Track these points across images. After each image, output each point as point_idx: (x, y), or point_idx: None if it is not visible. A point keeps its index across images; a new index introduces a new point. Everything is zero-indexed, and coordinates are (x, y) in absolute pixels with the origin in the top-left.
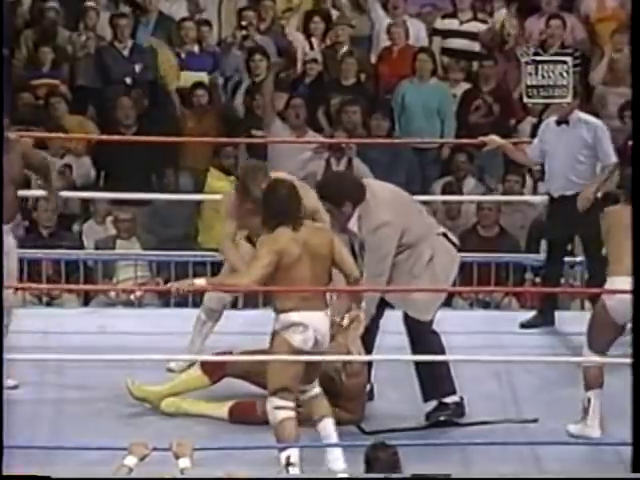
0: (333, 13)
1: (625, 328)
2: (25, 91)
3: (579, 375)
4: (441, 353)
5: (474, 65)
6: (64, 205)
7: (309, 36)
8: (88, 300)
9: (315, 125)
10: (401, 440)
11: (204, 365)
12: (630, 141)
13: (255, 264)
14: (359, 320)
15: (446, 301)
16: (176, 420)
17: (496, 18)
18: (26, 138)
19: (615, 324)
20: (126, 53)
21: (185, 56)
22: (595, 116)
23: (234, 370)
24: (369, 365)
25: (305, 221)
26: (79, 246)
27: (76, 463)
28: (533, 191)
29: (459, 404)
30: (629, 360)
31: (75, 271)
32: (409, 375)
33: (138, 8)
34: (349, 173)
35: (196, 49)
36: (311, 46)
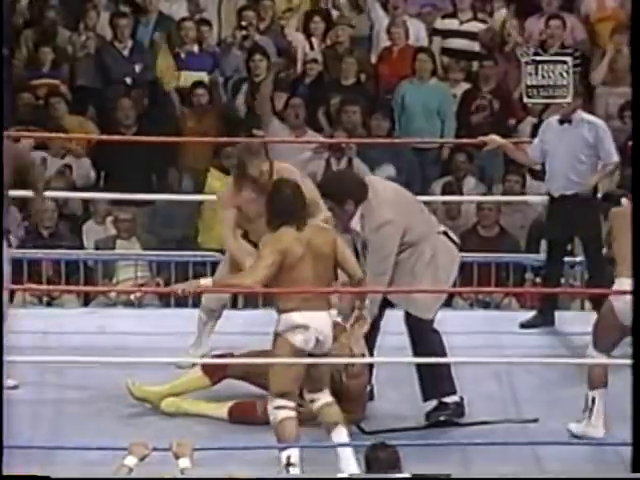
0: (333, 13)
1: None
2: (25, 91)
3: (579, 375)
4: (442, 353)
5: (474, 65)
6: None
7: (309, 36)
8: (88, 300)
9: (315, 125)
10: (401, 440)
11: (205, 366)
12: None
13: (259, 264)
14: (363, 320)
15: (446, 301)
16: (176, 420)
17: (496, 18)
18: (25, 141)
19: (622, 325)
20: (126, 53)
21: (185, 56)
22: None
23: (235, 371)
24: (370, 366)
25: (309, 221)
26: (79, 246)
27: (76, 463)
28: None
29: (459, 404)
30: (629, 360)
31: (75, 271)
32: (409, 375)
33: (138, 8)
34: (351, 171)
35: (196, 49)
36: (311, 46)
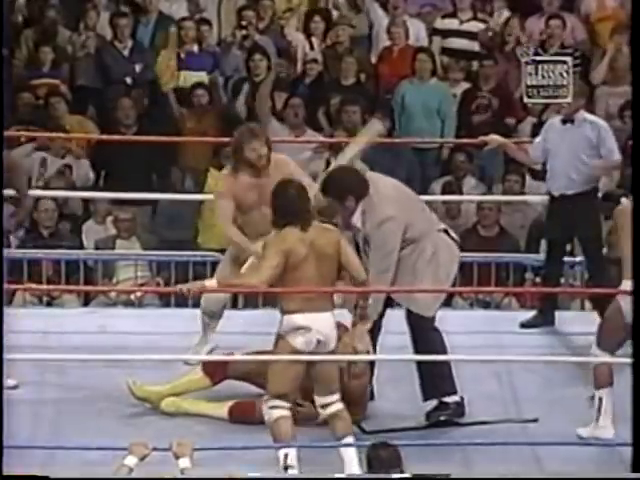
0: (333, 13)
1: None
2: (25, 91)
3: (579, 375)
4: (443, 352)
5: (474, 65)
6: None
7: (309, 36)
8: (88, 300)
9: (315, 125)
10: (401, 440)
11: (205, 367)
12: (630, 141)
13: (264, 264)
14: (366, 318)
15: (446, 301)
16: (176, 420)
17: (496, 18)
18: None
19: (628, 325)
20: (126, 53)
21: (185, 56)
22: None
23: (236, 372)
24: (372, 366)
25: (313, 221)
26: (79, 246)
27: (76, 463)
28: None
29: (459, 404)
30: (629, 360)
31: (75, 271)
32: (409, 375)
33: (138, 8)
34: (352, 168)
35: (195, 49)
36: (311, 46)
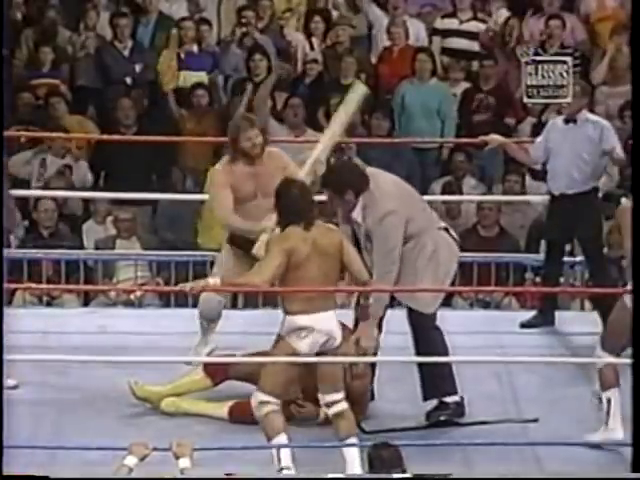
0: (333, 13)
1: None
2: (25, 91)
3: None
4: (444, 351)
5: (474, 65)
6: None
7: (309, 36)
8: (88, 300)
9: (315, 125)
10: (401, 440)
11: (206, 367)
12: (630, 140)
13: (267, 263)
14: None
15: (446, 301)
16: (176, 420)
17: (496, 18)
18: None
19: None
20: (126, 53)
21: (184, 56)
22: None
23: (237, 373)
24: (373, 366)
25: (316, 221)
26: (79, 246)
27: (76, 463)
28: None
29: (459, 404)
30: (629, 360)
31: (75, 271)
32: (409, 375)
33: (138, 8)
34: (352, 162)
35: (195, 49)
36: (311, 46)
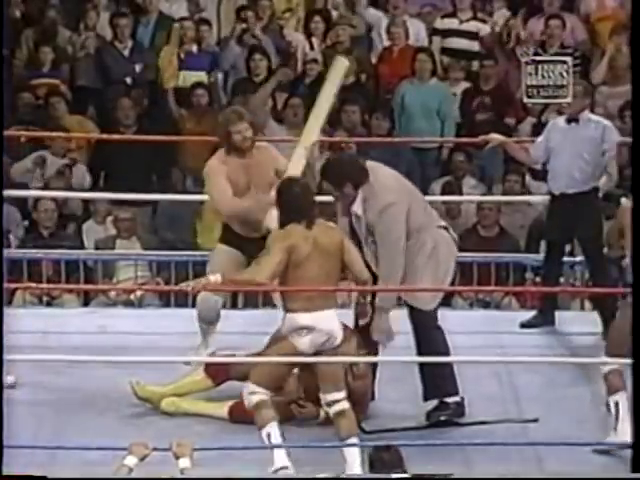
0: (333, 13)
1: None
2: (25, 91)
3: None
4: (445, 352)
5: (474, 65)
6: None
7: (309, 36)
8: (88, 300)
9: None
10: (401, 440)
11: (207, 368)
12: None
13: (268, 260)
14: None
15: (446, 301)
16: (176, 420)
17: (496, 18)
18: None
19: None
20: (126, 53)
21: (184, 56)
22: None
23: (238, 373)
24: (374, 367)
25: (317, 220)
26: (79, 246)
27: (76, 463)
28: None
29: (459, 404)
30: (629, 360)
31: (75, 271)
32: (410, 374)
33: (138, 8)
34: (351, 155)
35: (195, 49)
36: (311, 46)
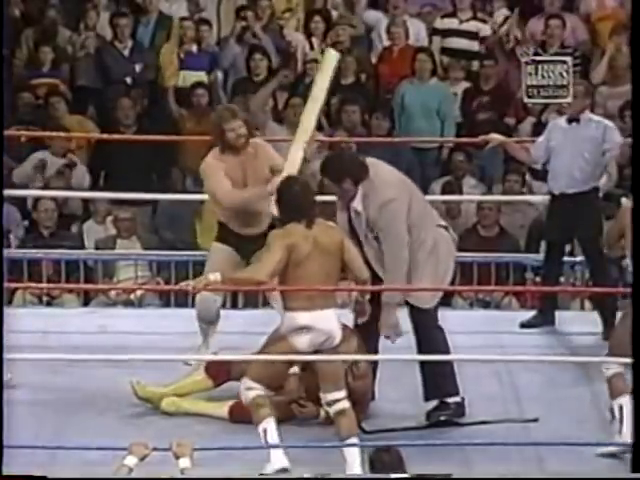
0: (333, 13)
1: None
2: (25, 91)
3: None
4: (446, 352)
5: (474, 65)
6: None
7: (309, 36)
8: (88, 300)
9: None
10: (401, 440)
11: (208, 369)
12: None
13: (268, 258)
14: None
15: (446, 301)
16: (176, 420)
17: (496, 18)
18: None
19: None
20: (126, 53)
21: (184, 56)
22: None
23: (239, 374)
24: (374, 367)
25: (317, 219)
26: (79, 246)
27: (76, 463)
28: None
29: (460, 404)
30: (629, 360)
31: (75, 271)
32: (410, 374)
33: (138, 8)
34: (351, 152)
35: (194, 49)
36: (311, 46)
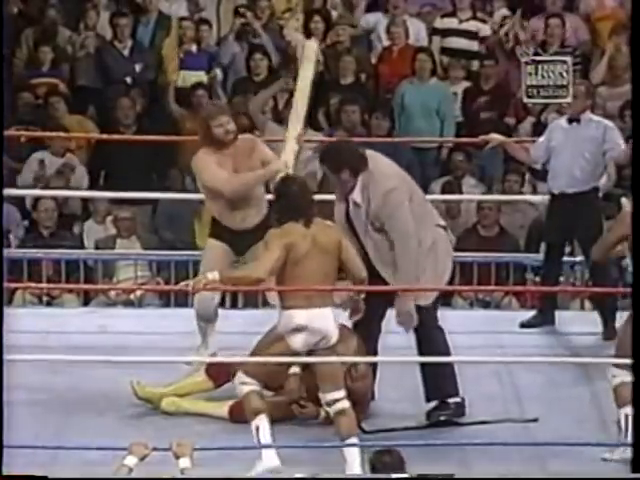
0: (333, 13)
1: None
2: (25, 90)
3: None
4: (446, 351)
5: (474, 64)
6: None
7: (309, 36)
8: (88, 300)
9: (315, 124)
10: (401, 440)
11: (208, 370)
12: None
13: (266, 256)
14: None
15: (446, 300)
16: (176, 419)
17: (496, 18)
18: None
19: None
20: (126, 53)
21: (184, 56)
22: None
23: None
24: (374, 367)
25: (316, 219)
26: (79, 246)
27: (77, 463)
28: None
29: (460, 404)
30: (629, 360)
31: (75, 271)
32: (409, 374)
33: (138, 8)
34: (350, 142)
35: (194, 49)
36: None
